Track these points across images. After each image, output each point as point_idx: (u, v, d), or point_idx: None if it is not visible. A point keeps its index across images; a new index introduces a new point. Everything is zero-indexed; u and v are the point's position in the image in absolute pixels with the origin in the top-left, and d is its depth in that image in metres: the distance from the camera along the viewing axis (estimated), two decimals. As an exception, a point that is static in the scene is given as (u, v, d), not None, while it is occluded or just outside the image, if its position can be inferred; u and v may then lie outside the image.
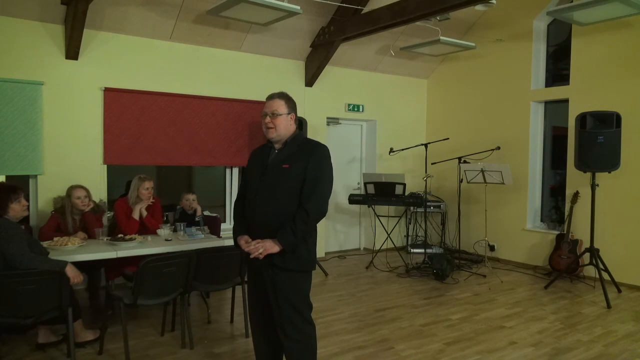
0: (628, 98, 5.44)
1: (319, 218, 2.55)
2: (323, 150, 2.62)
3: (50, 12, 4.67)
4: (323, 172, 2.57)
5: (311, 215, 2.49)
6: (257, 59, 6.12)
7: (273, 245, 2.47)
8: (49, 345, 3.55)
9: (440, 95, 7.66)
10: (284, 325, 2.57)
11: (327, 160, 2.62)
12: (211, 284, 3.82)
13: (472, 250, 6.87)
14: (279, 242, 2.46)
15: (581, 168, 5.17)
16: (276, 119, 2.57)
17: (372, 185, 6.36)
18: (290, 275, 2.55)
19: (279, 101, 2.61)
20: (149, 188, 4.36)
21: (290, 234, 2.46)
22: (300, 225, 2.46)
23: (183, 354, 3.54)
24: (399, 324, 4.22)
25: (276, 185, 2.55)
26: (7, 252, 3.02)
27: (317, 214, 2.53)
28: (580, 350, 3.72)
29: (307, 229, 2.52)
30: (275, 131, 2.58)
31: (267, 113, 2.59)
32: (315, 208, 2.51)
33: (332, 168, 2.65)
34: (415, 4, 4.80)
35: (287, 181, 2.53)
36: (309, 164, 2.53)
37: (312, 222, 2.52)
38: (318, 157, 2.57)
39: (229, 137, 5.89)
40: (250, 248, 2.50)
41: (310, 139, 2.73)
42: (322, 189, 2.55)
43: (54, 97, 4.84)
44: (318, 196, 2.52)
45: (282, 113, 2.58)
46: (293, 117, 2.65)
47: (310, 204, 2.50)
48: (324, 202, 2.56)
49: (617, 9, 4.34)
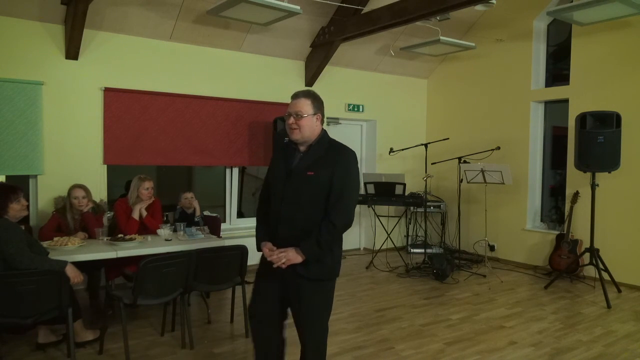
0: (628, 98, 5.44)
1: (345, 228, 2.46)
2: (350, 156, 2.49)
3: (50, 12, 4.67)
4: (350, 179, 2.45)
5: (337, 226, 2.39)
6: (257, 59, 6.12)
7: (296, 256, 2.39)
8: (49, 345, 3.55)
9: (440, 95, 7.66)
10: (305, 330, 2.52)
11: (354, 166, 2.49)
12: (211, 284, 3.83)
13: (472, 250, 6.86)
14: (303, 252, 2.38)
15: (581, 168, 5.17)
16: (301, 120, 2.42)
17: (372, 185, 6.36)
18: (315, 284, 2.47)
19: (305, 100, 2.45)
20: (149, 188, 4.37)
21: (315, 245, 2.37)
22: (326, 236, 2.38)
23: (183, 354, 3.54)
24: (399, 324, 4.22)
25: (301, 192, 2.43)
26: (6, 252, 3.02)
27: (344, 224, 2.43)
28: (580, 350, 3.72)
29: (333, 240, 2.43)
30: (300, 132, 2.44)
31: (292, 113, 2.44)
32: (342, 218, 2.41)
33: (359, 173, 2.55)
34: (415, 4, 4.80)
35: (312, 188, 2.42)
36: (335, 171, 2.41)
37: (339, 232, 2.44)
38: (345, 163, 2.45)
39: (229, 137, 5.89)
40: (273, 258, 2.42)
41: (337, 142, 2.57)
42: (348, 197, 2.43)
43: (54, 97, 4.84)
44: (345, 206, 2.42)
45: (307, 114, 2.43)
46: (319, 117, 2.49)
47: (336, 214, 2.39)
48: (350, 211, 2.46)
49: (617, 9, 4.34)
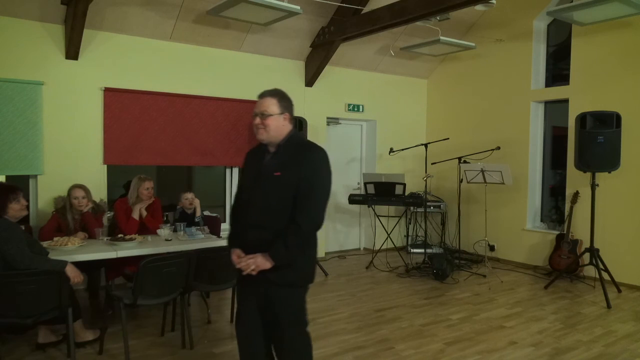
0: (628, 98, 5.44)
1: (313, 230, 2.35)
2: (318, 155, 2.36)
3: (50, 12, 4.67)
4: (318, 179, 2.32)
5: (304, 228, 2.27)
6: (257, 59, 6.12)
7: (265, 261, 2.28)
8: (49, 345, 3.55)
9: (440, 95, 7.66)
10: (281, 341, 2.40)
11: (323, 165, 2.36)
12: (211, 284, 3.83)
13: (472, 250, 6.86)
14: (271, 257, 2.28)
15: (581, 168, 5.17)
16: (266, 120, 2.35)
17: (372, 185, 6.36)
18: (286, 290, 2.36)
19: (270, 100, 2.38)
20: (149, 188, 4.37)
21: (282, 249, 2.26)
22: (293, 239, 2.27)
23: (183, 354, 3.54)
24: (399, 324, 4.22)
25: (269, 194, 2.33)
26: (6, 252, 3.02)
27: (311, 227, 2.32)
28: (580, 350, 3.72)
29: (301, 243, 2.32)
30: (266, 132, 2.37)
31: (257, 113, 2.38)
32: (309, 220, 2.29)
33: (330, 172, 2.38)
34: (415, 4, 4.80)
35: (279, 190, 2.31)
36: (302, 170, 2.29)
37: (306, 235, 2.32)
38: (312, 162, 2.33)
39: (229, 137, 5.89)
40: (242, 265, 2.32)
41: (306, 141, 2.49)
42: (316, 198, 2.31)
43: (54, 97, 4.84)
44: (312, 207, 2.29)
45: (273, 113, 2.35)
46: (287, 117, 2.40)
47: (303, 216, 2.27)
48: (318, 213, 2.32)
49: (617, 9, 4.34)
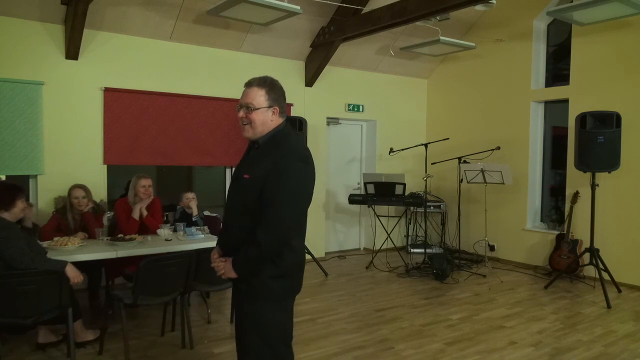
0: (628, 98, 5.44)
1: (275, 247, 1.98)
2: (291, 158, 1.99)
3: (50, 12, 4.67)
4: (284, 186, 1.95)
5: (263, 245, 1.94)
6: (257, 59, 6.12)
7: (231, 270, 2.05)
8: (49, 345, 3.55)
9: (440, 95, 7.66)
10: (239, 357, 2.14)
11: (296, 171, 1.98)
12: (211, 284, 3.82)
13: (472, 250, 6.86)
14: (233, 267, 2.03)
15: (581, 168, 5.17)
16: (251, 114, 2.01)
17: (372, 185, 6.36)
18: (249, 303, 2.07)
19: (258, 90, 2.02)
20: (145, 185, 4.34)
21: (242, 261, 2.01)
22: (252, 253, 1.97)
23: (183, 354, 3.54)
24: (399, 324, 4.22)
25: (236, 196, 2.08)
26: (6, 252, 3.02)
27: (272, 243, 1.96)
28: (580, 350, 3.72)
29: (261, 258, 1.99)
30: (251, 129, 2.04)
31: (242, 105, 2.03)
32: (269, 235, 1.94)
33: (308, 179, 2.03)
34: (415, 4, 4.80)
35: (245, 194, 2.01)
36: (269, 176, 1.95)
37: (267, 252, 1.98)
38: (282, 167, 1.96)
39: (229, 137, 5.89)
40: (214, 265, 2.15)
41: (287, 140, 2.07)
42: (279, 212, 1.94)
43: (54, 97, 4.84)
44: (273, 221, 1.94)
45: (259, 106, 2.01)
46: (276, 111, 2.05)
47: (263, 230, 1.94)
48: (281, 227, 1.96)
49: (617, 9, 4.34)
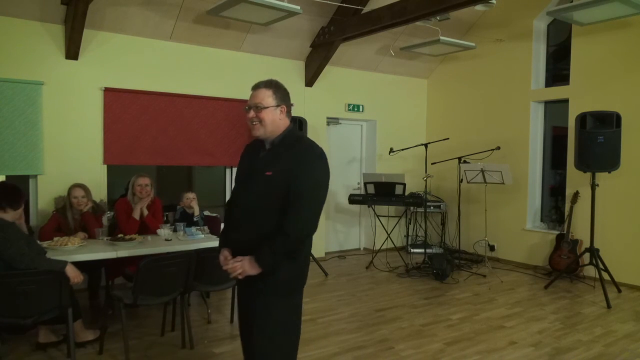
0: (628, 98, 5.44)
1: (303, 238, 2.13)
2: (312, 155, 2.13)
3: (50, 12, 4.67)
4: (310, 182, 2.09)
5: (292, 237, 2.06)
6: (257, 59, 6.11)
7: (251, 267, 2.09)
8: (50, 345, 3.55)
9: (440, 95, 7.66)
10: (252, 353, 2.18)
11: (319, 166, 2.13)
12: (211, 284, 3.83)
13: (472, 250, 6.86)
14: (257, 263, 2.08)
15: (581, 168, 5.17)
16: (261, 113, 2.14)
17: (372, 185, 6.36)
18: (271, 299, 2.14)
19: (265, 91, 2.18)
20: (142, 185, 4.33)
21: (269, 255, 2.06)
22: (280, 247, 2.06)
23: (183, 354, 3.55)
24: (399, 324, 4.22)
25: (258, 194, 2.14)
26: (5, 252, 3.02)
27: (300, 234, 2.09)
28: (580, 350, 3.72)
29: (289, 251, 2.10)
30: (262, 127, 2.15)
31: (251, 106, 2.17)
32: (298, 227, 2.07)
33: (326, 174, 2.16)
34: (415, 4, 4.80)
35: (270, 191, 2.10)
36: (294, 171, 2.07)
37: (294, 243, 2.10)
38: (305, 163, 2.10)
39: (229, 137, 5.89)
40: (228, 267, 2.15)
41: (302, 138, 2.25)
42: (308, 204, 2.08)
43: (54, 97, 4.84)
44: (302, 213, 2.07)
45: (268, 105, 2.15)
46: (284, 110, 2.20)
47: (291, 223, 2.05)
48: (309, 220, 2.10)
49: (617, 9, 4.34)
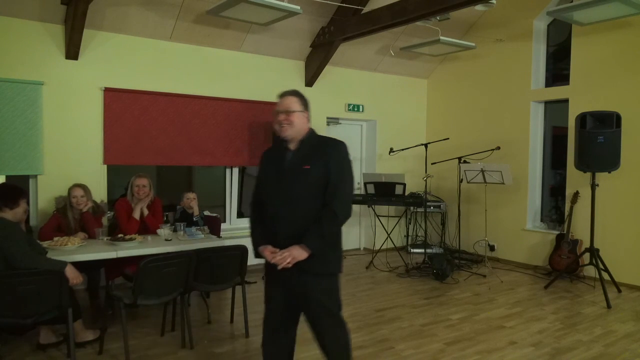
0: (628, 98, 5.44)
1: (346, 219, 2.50)
2: (342, 148, 2.53)
3: (50, 12, 4.67)
4: (345, 171, 2.50)
5: (339, 216, 2.44)
6: (257, 59, 6.12)
7: (301, 252, 2.38)
8: (50, 346, 3.55)
9: (440, 95, 7.66)
10: (322, 332, 2.53)
11: (348, 157, 2.54)
12: (211, 284, 3.82)
13: (472, 250, 6.86)
14: (307, 247, 2.38)
15: (581, 168, 5.17)
16: (291, 116, 2.48)
17: (372, 185, 6.36)
18: (321, 279, 2.49)
19: (293, 98, 2.53)
20: (139, 185, 4.33)
21: (319, 237, 2.40)
22: (329, 227, 2.42)
23: (183, 354, 3.54)
24: (399, 324, 4.22)
25: (298, 188, 2.46)
26: (7, 251, 3.02)
27: (345, 215, 2.48)
28: (580, 350, 3.72)
29: (336, 230, 2.49)
30: (291, 128, 2.48)
31: (281, 111, 2.50)
32: (342, 208, 2.46)
33: (352, 164, 2.58)
34: (415, 4, 4.80)
35: (308, 183, 2.45)
36: (329, 163, 2.45)
37: (341, 223, 2.48)
38: (338, 155, 2.50)
39: (229, 137, 5.89)
40: (278, 259, 2.39)
41: (326, 137, 2.63)
42: (346, 189, 2.49)
43: (54, 97, 4.84)
44: (344, 196, 2.47)
45: (296, 110, 2.50)
46: (307, 115, 2.57)
47: (336, 204, 2.43)
48: (349, 202, 2.52)
49: (617, 9, 4.34)
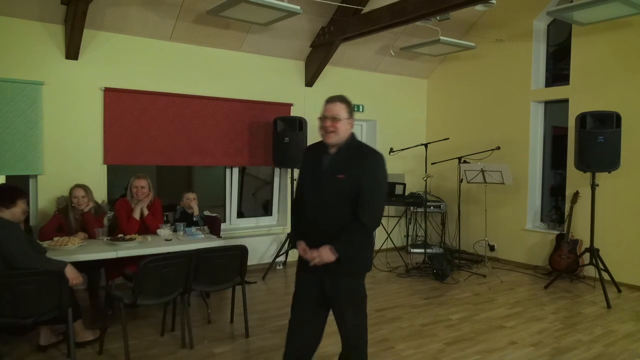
0: (628, 98, 5.44)
1: (375, 228, 2.62)
2: (379, 160, 2.60)
3: (50, 12, 4.67)
4: (379, 182, 2.60)
5: (368, 226, 2.56)
6: (257, 59, 6.11)
7: (330, 254, 2.51)
8: (50, 346, 3.55)
9: (440, 95, 7.66)
10: (349, 331, 2.65)
11: (383, 169, 2.62)
12: (211, 284, 3.82)
13: (472, 250, 6.86)
14: (336, 251, 2.51)
15: (581, 168, 5.17)
16: (337, 123, 2.55)
17: (372, 185, 6.34)
18: (349, 280, 2.61)
19: (341, 105, 2.59)
20: (138, 186, 4.32)
21: (347, 244, 2.52)
22: (357, 236, 2.54)
23: (183, 354, 3.55)
24: (399, 324, 4.22)
25: (330, 195, 2.57)
26: (6, 251, 3.02)
27: (374, 224, 2.59)
28: (580, 350, 3.72)
29: (363, 239, 2.60)
30: (336, 135, 2.56)
31: (328, 117, 2.57)
32: (372, 219, 2.56)
33: (387, 175, 2.67)
34: (415, 4, 4.80)
35: (342, 191, 2.55)
36: (364, 174, 2.53)
37: (369, 232, 2.60)
38: (374, 167, 2.58)
39: (229, 137, 5.89)
40: (308, 256, 2.58)
41: (365, 146, 2.71)
42: (378, 200, 2.59)
43: (54, 97, 4.83)
44: (375, 207, 2.57)
45: (343, 118, 2.56)
46: (352, 122, 2.63)
47: (366, 215, 2.53)
48: (380, 213, 2.61)
49: (617, 9, 4.35)
